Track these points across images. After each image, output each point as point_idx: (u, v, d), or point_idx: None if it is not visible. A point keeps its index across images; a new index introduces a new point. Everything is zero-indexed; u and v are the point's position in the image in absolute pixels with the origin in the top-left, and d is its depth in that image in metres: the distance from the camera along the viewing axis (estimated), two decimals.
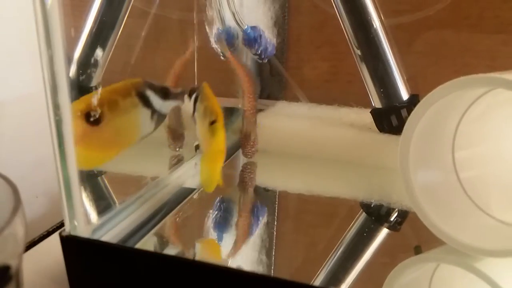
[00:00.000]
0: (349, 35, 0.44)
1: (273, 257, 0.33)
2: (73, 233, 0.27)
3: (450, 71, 0.54)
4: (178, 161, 0.41)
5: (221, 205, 0.39)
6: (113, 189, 0.37)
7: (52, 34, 0.24)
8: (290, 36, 0.59)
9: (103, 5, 0.38)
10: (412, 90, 0.45)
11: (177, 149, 0.42)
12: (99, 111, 0.29)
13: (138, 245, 0.30)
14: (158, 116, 0.33)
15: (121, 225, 0.31)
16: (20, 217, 0.21)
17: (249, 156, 0.46)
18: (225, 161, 0.46)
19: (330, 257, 0.32)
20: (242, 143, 0.46)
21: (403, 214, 0.37)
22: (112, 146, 0.31)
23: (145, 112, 0.32)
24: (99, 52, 0.38)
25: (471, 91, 0.31)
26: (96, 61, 0.38)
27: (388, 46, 0.44)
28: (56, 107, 0.25)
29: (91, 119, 0.28)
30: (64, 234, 0.27)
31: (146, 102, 0.32)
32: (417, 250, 0.33)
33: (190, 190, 0.39)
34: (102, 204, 0.32)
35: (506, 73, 0.28)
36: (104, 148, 0.30)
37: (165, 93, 0.33)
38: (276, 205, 0.41)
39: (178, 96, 0.35)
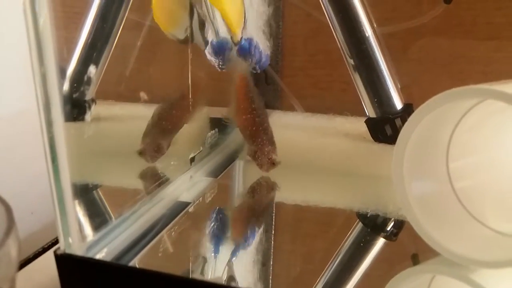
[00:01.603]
0: (342, 45, 0.45)
1: (271, 267, 0.32)
2: (67, 251, 0.27)
3: (444, 78, 0.54)
4: (172, 175, 0.41)
5: (217, 218, 0.39)
6: (107, 204, 0.36)
7: (44, 52, 0.24)
8: (285, 45, 0.59)
9: (97, 17, 0.38)
10: (406, 99, 0.45)
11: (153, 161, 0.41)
12: None
13: (134, 262, 0.30)
14: None
15: (116, 242, 0.31)
16: (13, 239, 0.20)
17: (259, 167, 0.44)
18: (222, 172, 0.46)
19: (327, 267, 0.31)
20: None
21: (399, 224, 0.37)
22: None
23: None
24: (93, 65, 0.38)
25: (464, 102, 0.31)
26: (90, 74, 0.38)
27: (381, 55, 0.44)
28: (49, 123, 0.25)
29: None
30: (58, 252, 0.27)
31: None
32: (415, 260, 0.33)
33: (185, 204, 0.38)
34: (97, 220, 0.32)
35: (496, 84, 0.28)
36: None
37: None
38: (273, 216, 0.41)
39: None
